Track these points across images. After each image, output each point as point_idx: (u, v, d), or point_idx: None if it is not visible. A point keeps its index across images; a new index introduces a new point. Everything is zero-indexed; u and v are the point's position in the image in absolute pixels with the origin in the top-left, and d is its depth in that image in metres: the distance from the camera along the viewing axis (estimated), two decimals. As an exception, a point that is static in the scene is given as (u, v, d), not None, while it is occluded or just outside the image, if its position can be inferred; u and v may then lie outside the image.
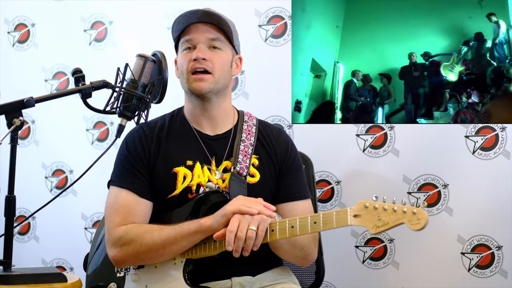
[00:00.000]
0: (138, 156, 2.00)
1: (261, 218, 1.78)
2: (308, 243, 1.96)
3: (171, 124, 2.08)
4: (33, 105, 1.80)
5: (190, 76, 1.98)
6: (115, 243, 1.92)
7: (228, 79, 2.03)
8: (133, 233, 1.90)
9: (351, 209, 1.67)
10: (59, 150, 3.06)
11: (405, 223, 1.60)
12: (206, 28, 1.98)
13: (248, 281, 1.99)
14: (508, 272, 2.52)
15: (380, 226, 1.62)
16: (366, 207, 1.64)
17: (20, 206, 2.39)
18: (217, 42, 1.99)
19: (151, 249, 1.88)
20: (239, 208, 1.79)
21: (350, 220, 1.67)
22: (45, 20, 3.09)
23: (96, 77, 1.91)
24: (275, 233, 1.79)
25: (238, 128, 2.06)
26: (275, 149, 2.06)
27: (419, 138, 2.62)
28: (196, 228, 1.84)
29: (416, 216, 1.59)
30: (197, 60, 1.95)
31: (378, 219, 1.62)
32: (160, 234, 1.87)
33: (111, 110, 1.88)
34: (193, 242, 1.87)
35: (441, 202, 2.60)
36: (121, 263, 1.95)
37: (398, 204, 1.62)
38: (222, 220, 1.80)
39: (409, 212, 1.59)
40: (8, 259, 1.79)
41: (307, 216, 1.75)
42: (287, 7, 2.77)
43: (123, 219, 1.93)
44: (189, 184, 1.97)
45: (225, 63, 2.00)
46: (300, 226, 1.75)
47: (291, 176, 2.04)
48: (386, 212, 1.62)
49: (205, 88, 1.97)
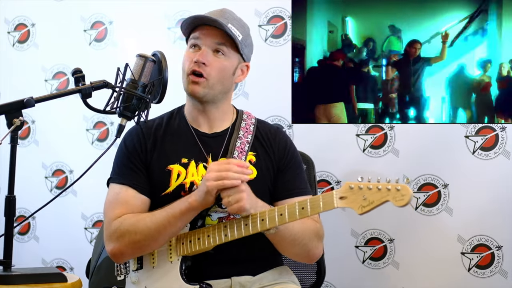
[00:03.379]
0: (136, 152, 2.01)
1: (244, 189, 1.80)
2: (310, 240, 1.95)
3: (169, 122, 2.08)
4: (33, 105, 1.80)
5: (188, 77, 1.99)
6: (112, 236, 1.92)
7: (227, 85, 2.03)
8: (127, 223, 1.90)
9: (337, 191, 1.67)
10: (59, 150, 3.06)
11: (390, 200, 1.58)
12: (215, 32, 1.98)
13: (248, 281, 1.98)
14: (508, 272, 2.53)
15: (366, 206, 1.61)
16: (352, 188, 1.64)
17: (20, 206, 2.39)
18: (222, 48, 1.99)
19: (147, 236, 1.88)
20: (222, 184, 1.79)
21: (336, 203, 1.66)
22: (45, 20, 3.09)
23: (96, 77, 1.91)
24: (265, 222, 1.79)
25: (236, 126, 2.06)
26: (273, 147, 2.06)
27: (419, 138, 2.63)
28: (186, 208, 1.85)
29: (400, 192, 1.57)
30: (197, 63, 1.96)
31: (363, 199, 1.61)
32: (152, 219, 1.87)
33: (111, 110, 1.88)
34: (187, 221, 1.88)
35: (441, 202, 2.60)
36: (119, 256, 1.94)
37: (383, 182, 1.61)
38: (209, 198, 1.82)
39: (393, 189, 1.58)
40: (8, 259, 1.80)
41: (295, 202, 1.75)
42: (287, 7, 2.77)
43: (121, 213, 1.93)
44: (182, 182, 1.98)
45: (225, 69, 2.00)
46: (289, 213, 1.75)
47: (290, 173, 2.04)
48: (371, 191, 1.61)
49: (198, 92, 1.98)
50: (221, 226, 1.86)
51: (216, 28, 1.97)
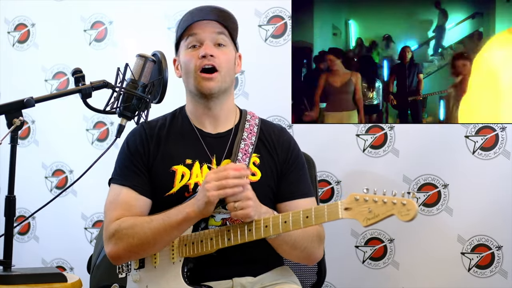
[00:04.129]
0: (138, 154, 2.01)
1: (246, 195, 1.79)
2: (311, 243, 1.95)
3: (172, 122, 2.08)
4: (33, 105, 1.80)
5: (199, 75, 1.97)
6: (110, 238, 1.92)
7: (232, 76, 2.04)
8: (125, 226, 1.89)
9: (342, 202, 1.66)
10: (59, 150, 3.06)
11: (395, 214, 1.57)
12: (212, 24, 1.98)
13: (249, 282, 1.98)
14: (508, 272, 2.52)
15: (371, 219, 1.60)
16: (357, 200, 1.63)
17: (20, 206, 2.39)
18: (222, 38, 1.99)
19: (143, 242, 1.87)
20: (224, 193, 1.76)
21: (341, 214, 1.65)
22: (45, 20, 3.09)
23: (96, 77, 1.91)
24: (268, 228, 1.78)
25: (239, 127, 2.06)
26: (277, 148, 2.05)
27: (419, 138, 2.63)
28: (183, 218, 1.83)
29: (406, 207, 1.56)
30: (206, 57, 1.95)
31: (369, 212, 1.60)
32: (150, 225, 1.86)
33: (111, 110, 1.88)
34: (183, 230, 1.87)
35: (441, 202, 2.60)
36: (116, 258, 1.94)
37: (388, 196, 1.60)
38: (209, 208, 1.79)
39: (399, 203, 1.57)
40: (8, 259, 1.80)
41: (300, 210, 1.74)
42: (287, 7, 2.77)
43: (121, 215, 1.93)
44: (186, 183, 1.97)
45: (230, 60, 2.01)
46: (293, 221, 1.74)
47: (293, 175, 2.04)
48: (376, 204, 1.60)
49: (214, 87, 1.97)
50: (224, 230, 1.85)
51: (210, 20, 1.97)
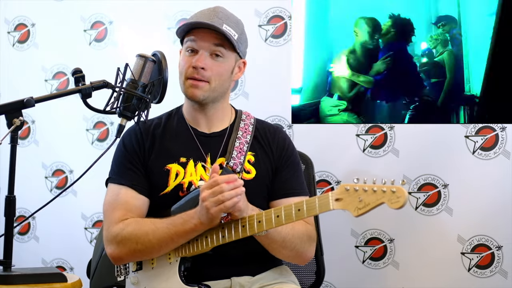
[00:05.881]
0: (134, 152, 2.01)
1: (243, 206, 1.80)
2: (301, 242, 1.94)
3: (168, 122, 2.08)
4: (33, 105, 1.80)
5: (186, 81, 1.98)
6: (112, 240, 1.92)
7: (226, 85, 2.03)
8: (128, 231, 1.89)
9: (333, 193, 1.65)
10: (59, 150, 3.06)
11: (385, 202, 1.56)
12: (211, 34, 1.96)
13: (247, 281, 1.98)
14: (508, 272, 2.53)
15: (362, 208, 1.59)
16: (347, 190, 1.62)
17: (20, 206, 2.39)
18: (219, 49, 1.97)
19: (147, 248, 1.88)
20: (224, 207, 1.76)
21: (332, 205, 1.64)
22: (45, 20, 3.09)
23: (96, 77, 1.91)
24: (262, 223, 1.78)
25: (234, 126, 2.06)
26: (271, 146, 2.06)
27: (419, 138, 2.62)
28: (191, 229, 1.84)
29: (396, 194, 1.55)
30: (196, 68, 1.95)
31: (359, 201, 1.59)
32: (155, 234, 1.86)
33: (111, 110, 1.88)
34: (189, 238, 1.87)
35: (441, 202, 2.60)
36: (118, 260, 1.95)
37: (378, 184, 1.59)
38: (216, 221, 1.80)
39: (388, 191, 1.55)
40: (8, 259, 1.80)
41: (291, 204, 1.74)
42: (287, 7, 2.77)
43: (123, 215, 1.93)
44: (180, 182, 1.97)
45: (224, 72, 1.99)
46: (285, 215, 1.74)
47: (287, 173, 2.04)
48: (367, 193, 1.59)
49: (199, 95, 1.97)
50: (219, 227, 1.85)
51: (211, 29, 1.96)
